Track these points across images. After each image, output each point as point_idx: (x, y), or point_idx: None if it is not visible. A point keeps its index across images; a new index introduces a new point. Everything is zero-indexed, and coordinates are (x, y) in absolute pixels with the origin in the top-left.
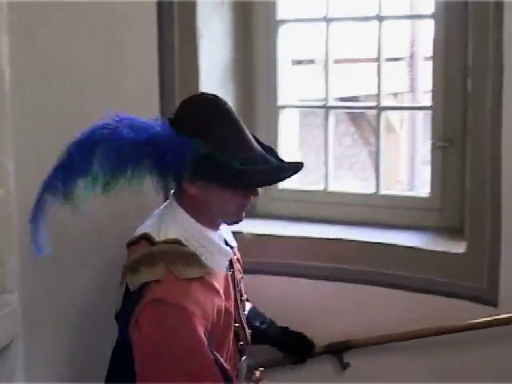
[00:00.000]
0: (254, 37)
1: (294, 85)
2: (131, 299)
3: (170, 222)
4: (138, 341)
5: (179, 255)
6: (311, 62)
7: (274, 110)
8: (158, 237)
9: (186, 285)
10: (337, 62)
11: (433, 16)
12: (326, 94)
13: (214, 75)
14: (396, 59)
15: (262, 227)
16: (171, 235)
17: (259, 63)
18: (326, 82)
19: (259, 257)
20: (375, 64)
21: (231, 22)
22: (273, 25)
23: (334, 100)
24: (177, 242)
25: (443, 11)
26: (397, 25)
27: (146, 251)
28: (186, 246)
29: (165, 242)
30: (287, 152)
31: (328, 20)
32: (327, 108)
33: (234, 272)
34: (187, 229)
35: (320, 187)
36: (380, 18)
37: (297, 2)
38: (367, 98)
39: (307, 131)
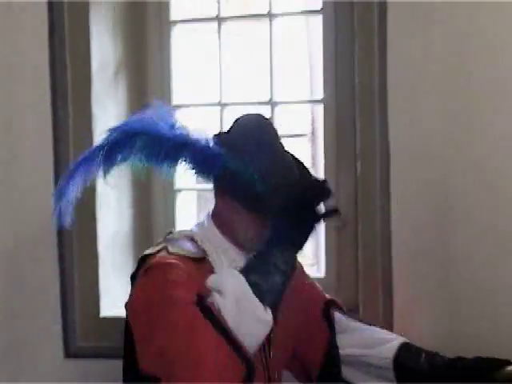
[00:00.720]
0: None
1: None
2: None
3: (194, 227)
4: (128, 306)
5: (182, 240)
6: None
7: (171, 193)
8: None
9: (176, 257)
10: None
11: (322, 101)
12: None
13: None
14: (298, 135)
15: None
16: (188, 233)
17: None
18: None
19: None
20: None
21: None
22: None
23: None
24: (190, 236)
25: (334, 96)
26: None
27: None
28: (197, 244)
29: (179, 232)
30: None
31: (222, 105)
32: None
33: None
34: (207, 234)
35: None
36: (273, 103)
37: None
38: None
39: None
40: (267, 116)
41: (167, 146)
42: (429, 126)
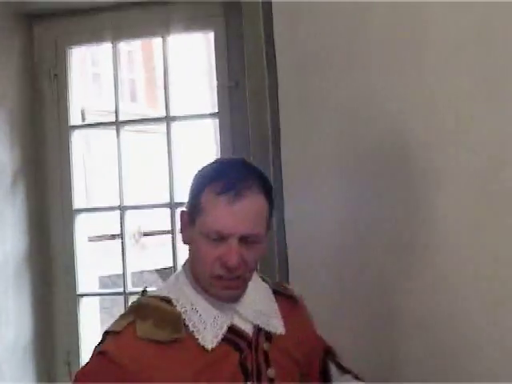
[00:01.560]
0: (51, 224)
1: (92, 265)
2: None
3: (171, 280)
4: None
5: (156, 312)
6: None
7: (73, 298)
8: (154, 292)
9: (142, 345)
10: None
11: None
12: (124, 277)
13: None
14: None
15: None
16: (165, 293)
17: (56, 251)
18: (124, 262)
19: None
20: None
21: (25, 212)
22: (69, 213)
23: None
24: (165, 299)
25: None
26: None
27: (133, 303)
28: (173, 306)
29: (154, 296)
30: (89, 341)
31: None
32: (126, 294)
33: (255, 358)
34: (183, 288)
35: None
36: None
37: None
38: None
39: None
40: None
41: None
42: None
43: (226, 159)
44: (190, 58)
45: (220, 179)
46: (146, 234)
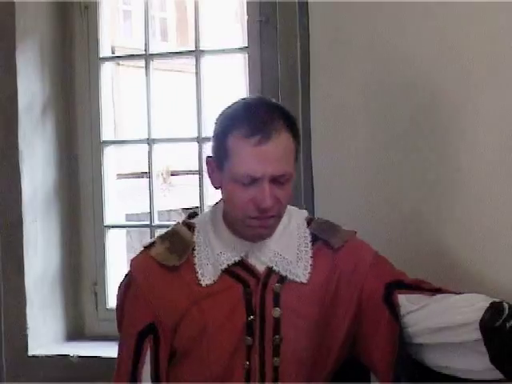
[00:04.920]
0: (79, 156)
1: (120, 202)
2: None
3: (207, 210)
4: None
5: (175, 236)
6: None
7: (100, 230)
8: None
9: (153, 264)
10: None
11: None
12: (151, 212)
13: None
14: None
15: (90, 349)
16: (196, 221)
17: (84, 184)
18: (151, 198)
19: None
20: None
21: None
22: (97, 146)
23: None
24: (190, 226)
25: None
26: None
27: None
28: (193, 235)
29: (185, 222)
30: (115, 273)
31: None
32: (152, 227)
33: (261, 295)
34: (208, 221)
35: None
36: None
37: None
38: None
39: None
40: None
41: None
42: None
43: (249, 99)
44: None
45: (246, 122)
46: (173, 174)
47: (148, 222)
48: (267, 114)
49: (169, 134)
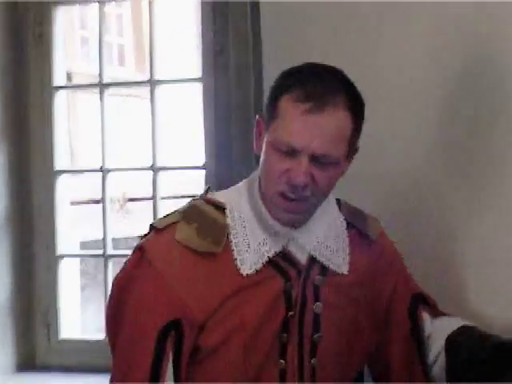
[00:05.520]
0: (32, 184)
1: (74, 229)
2: None
3: (234, 188)
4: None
5: (203, 218)
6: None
7: (53, 259)
8: (213, 195)
9: (179, 249)
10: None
11: (205, 166)
12: (105, 241)
13: None
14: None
15: (41, 381)
16: (222, 198)
17: (37, 212)
18: (104, 227)
19: None
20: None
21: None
22: (50, 175)
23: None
24: (219, 206)
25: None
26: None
27: (188, 202)
28: (224, 216)
29: (209, 200)
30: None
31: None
32: (105, 257)
33: (302, 289)
34: (241, 200)
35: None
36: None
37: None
38: None
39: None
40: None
41: None
42: None
43: (318, 64)
44: (179, 22)
45: (303, 85)
46: (131, 200)
47: (101, 252)
48: (329, 83)
49: (124, 161)
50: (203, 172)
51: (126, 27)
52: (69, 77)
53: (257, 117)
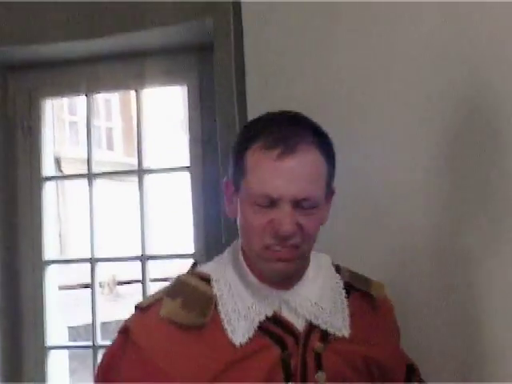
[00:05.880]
0: (20, 274)
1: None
2: None
3: (218, 258)
4: None
5: (188, 291)
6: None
7: (42, 351)
8: (199, 269)
9: (164, 325)
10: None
11: (193, 256)
12: (94, 330)
13: None
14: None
15: None
16: (209, 270)
17: (25, 302)
18: (93, 316)
19: None
20: None
21: None
22: (39, 265)
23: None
24: (205, 278)
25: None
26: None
27: (174, 278)
28: (210, 287)
29: (194, 273)
30: None
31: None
32: (95, 348)
33: (301, 358)
34: (226, 269)
35: None
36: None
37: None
38: None
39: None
40: None
41: None
42: None
43: (276, 112)
44: (166, 110)
45: (267, 132)
46: (120, 283)
47: (90, 343)
48: (293, 126)
49: (113, 251)
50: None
51: (114, 111)
52: (57, 162)
53: (224, 179)
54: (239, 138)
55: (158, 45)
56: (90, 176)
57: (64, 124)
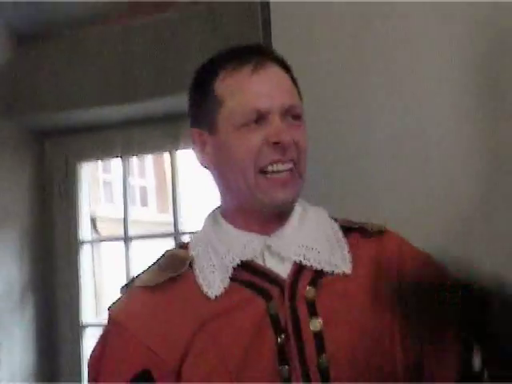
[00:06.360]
0: (58, 338)
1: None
2: None
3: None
4: None
5: (167, 258)
6: None
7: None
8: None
9: (139, 296)
10: None
11: None
12: None
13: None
14: None
15: None
16: (190, 239)
17: (64, 367)
18: None
19: None
20: None
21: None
22: (77, 329)
23: None
24: (185, 246)
25: None
26: None
27: None
28: (188, 250)
29: (177, 245)
30: None
31: None
32: None
33: (290, 307)
34: (204, 230)
35: None
36: None
37: None
38: None
39: None
40: None
41: None
42: None
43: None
44: (200, 170)
45: (230, 59)
46: None
47: None
48: (250, 49)
49: None
50: None
51: (147, 169)
52: (92, 221)
53: (192, 131)
54: (199, 77)
55: None
56: (126, 239)
57: (98, 182)
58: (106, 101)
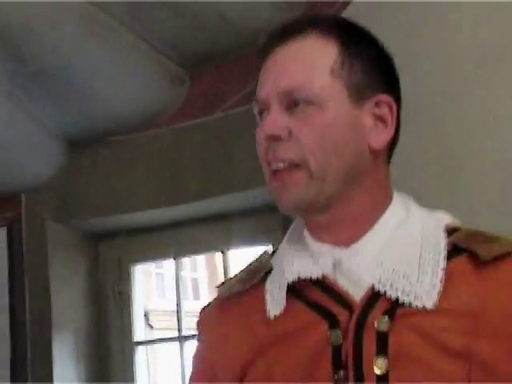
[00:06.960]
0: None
1: None
2: None
3: None
4: None
5: (252, 265)
6: None
7: None
8: None
9: (217, 306)
10: None
11: None
12: None
13: None
14: None
15: None
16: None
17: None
18: None
19: None
20: None
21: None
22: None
23: None
24: (266, 253)
25: None
26: None
27: None
28: (271, 256)
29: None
30: None
31: None
32: None
33: (355, 337)
34: (286, 238)
35: None
36: None
37: None
38: None
39: None
40: None
41: None
42: None
43: None
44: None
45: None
46: None
47: None
48: (291, 26)
49: None
50: None
51: (199, 262)
52: (146, 315)
53: None
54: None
55: (241, 207)
56: (181, 339)
57: (151, 276)
58: (157, 203)
